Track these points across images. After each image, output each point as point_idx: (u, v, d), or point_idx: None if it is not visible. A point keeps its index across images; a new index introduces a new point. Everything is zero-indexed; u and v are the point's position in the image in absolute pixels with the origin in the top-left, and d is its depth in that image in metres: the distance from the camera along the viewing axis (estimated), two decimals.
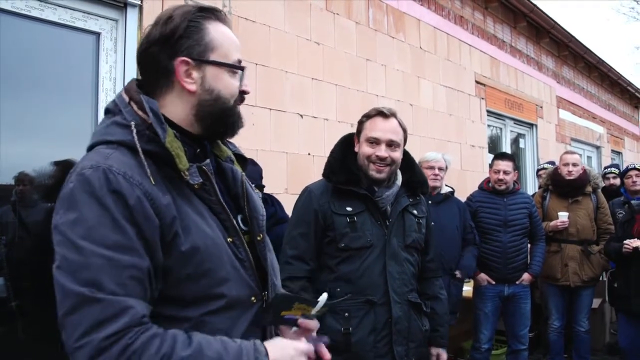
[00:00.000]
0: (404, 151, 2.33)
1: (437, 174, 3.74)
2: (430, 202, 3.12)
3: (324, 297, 1.32)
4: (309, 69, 4.15)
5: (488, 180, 4.33)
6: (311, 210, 2.23)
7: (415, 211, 2.32)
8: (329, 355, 1.28)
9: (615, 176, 6.10)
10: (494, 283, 4.10)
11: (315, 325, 1.32)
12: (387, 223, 2.22)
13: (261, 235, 1.32)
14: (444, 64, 5.81)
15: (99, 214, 1.03)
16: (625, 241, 3.87)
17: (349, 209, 2.19)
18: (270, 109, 3.79)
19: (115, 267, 1.01)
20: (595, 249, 4.49)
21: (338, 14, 4.48)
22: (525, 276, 4.15)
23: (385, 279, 2.16)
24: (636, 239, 3.82)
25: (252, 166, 3.00)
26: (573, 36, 8.45)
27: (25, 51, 2.75)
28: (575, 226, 4.46)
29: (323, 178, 2.32)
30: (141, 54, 1.25)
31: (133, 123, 1.14)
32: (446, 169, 3.86)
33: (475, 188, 4.51)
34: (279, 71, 3.91)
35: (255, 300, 1.24)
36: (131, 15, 3.05)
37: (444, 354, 2.41)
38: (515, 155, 7.34)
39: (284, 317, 1.27)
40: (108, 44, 3.00)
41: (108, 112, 1.22)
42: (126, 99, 1.21)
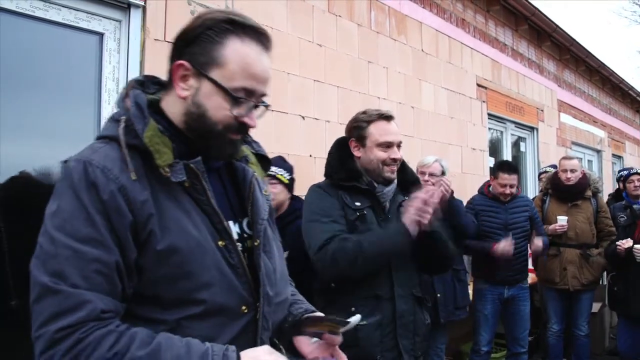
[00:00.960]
0: None
1: (427, 180, 3.74)
2: None
3: (357, 319, 1.26)
4: (310, 70, 4.16)
5: (488, 185, 4.34)
6: (329, 198, 2.29)
7: None
8: None
9: None
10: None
11: (339, 341, 1.28)
12: (388, 218, 2.29)
13: (258, 240, 1.25)
14: (446, 67, 5.82)
15: (75, 206, 1.04)
16: (617, 242, 3.88)
17: (358, 204, 2.27)
18: (272, 111, 3.80)
19: (81, 260, 1.01)
20: (595, 252, 4.49)
21: (340, 16, 4.49)
22: (537, 241, 4.11)
23: (390, 273, 2.21)
24: (629, 239, 3.84)
25: (283, 163, 3.07)
26: (574, 39, 8.45)
27: (29, 51, 2.76)
28: (574, 230, 4.47)
29: (325, 178, 2.39)
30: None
31: (124, 118, 1.14)
32: (442, 174, 3.81)
33: (476, 191, 4.51)
34: (281, 73, 3.91)
35: (246, 310, 1.17)
36: (135, 16, 3.06)
37: None
38: (516, 159, 7.36)
39: (306, 331, 1.24)
40: (111, 45, 3.01)
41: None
42: (123, 92, 1.20)
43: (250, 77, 1.16)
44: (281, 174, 2.97)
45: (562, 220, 4.39)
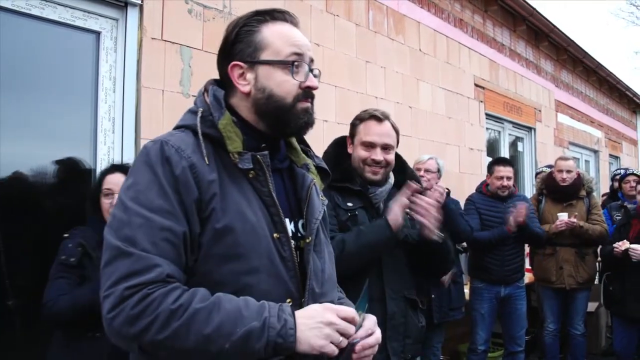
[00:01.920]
0: (396, 153, 2.38)
1: (423, 176, 3.75)
2: None
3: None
4: None
5: (486, 184, 4.35)
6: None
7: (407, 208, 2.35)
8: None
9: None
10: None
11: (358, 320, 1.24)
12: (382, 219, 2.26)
13: (310, 238, 1.30)
14: (444, 67, 5.82)
15: (150, 179, 1.12)
16: (614, 244, 3.89)
17: (350, 204, 2.26)
18: None
19: (152, 228, 1.08)
20: (589, 250, 4.51)
21: (338, 16, 4.49)
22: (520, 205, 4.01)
23: (381, 274, 2.19)
24: (625, 241, 3.85)
25: None
26: (572, 40, 8.47)
27: (25, 49, 2.75)
28: (570, 229, 4.47)
29: None
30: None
31: (201, 109, 1.23)
32: (438, 172, 3.85)
33: (473, 191, 4.52)
34: None
35: (291, 303, 1.18)
36: (132, 14, 3.06)
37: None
38: (514, 159, 7.36)
39: None
40: (108, 43, 3.01)
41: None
42: (202, 89, 1.30)
43: (294, 44, 1.26)
44: None
45: (563, 216, 4.37)
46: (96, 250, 2.18)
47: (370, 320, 1.27)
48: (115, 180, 2.33)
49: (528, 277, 4.74)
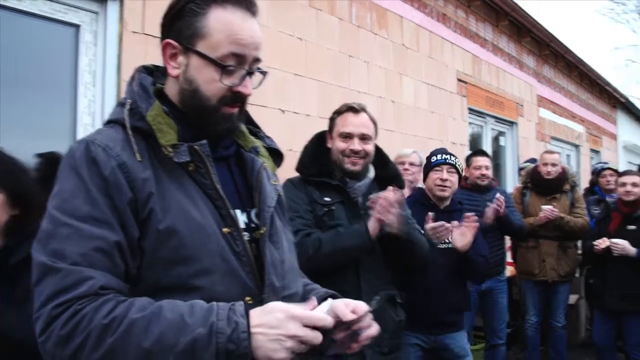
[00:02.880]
0: (377, 147, 2.40)
1: (407, 169, 3.76)
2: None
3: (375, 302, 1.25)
4: (291, 64, 4.14)
5: (466, 178, 4.37)
6: (297, 193, 2.29)
7: None
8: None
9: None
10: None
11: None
12: (360, 213, 2.27)
13: (264, 228, 1.20)
14: (427, 62, 5.84)
15: (75, 184, 1.03)
16: (594, 242, 3.93)
17: (327, 199, 2.27)
18: (251, 104, 3.76)
19: (81, 238, 0.99)
20: (571, 244, 4.57)
21: (321, 10, 4.47)
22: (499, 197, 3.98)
23: (357, 269, 2.20)
24: (605, 239, 3.89)
25: None
26: (554, 36, 8.55)
27: (3, 43, 2.70)
28: (552, 222, 4.52)
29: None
30: None
31: (129, 101, 1.14)
32: (420, 165, 3.87)
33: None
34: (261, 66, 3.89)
35: (251, 301, 1.09)
36: (112, 8, 3.01)
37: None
38: (496, 153, 7.43)
39: None
40: (88, 37, 2.97)
41: None
42: (130, 79, 1.20)
43: (237, 43, 1.12)
44: None
45: (547, 209, 4.40)
46: None
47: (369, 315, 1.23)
48: None
49: (509, 271, 4.79)
